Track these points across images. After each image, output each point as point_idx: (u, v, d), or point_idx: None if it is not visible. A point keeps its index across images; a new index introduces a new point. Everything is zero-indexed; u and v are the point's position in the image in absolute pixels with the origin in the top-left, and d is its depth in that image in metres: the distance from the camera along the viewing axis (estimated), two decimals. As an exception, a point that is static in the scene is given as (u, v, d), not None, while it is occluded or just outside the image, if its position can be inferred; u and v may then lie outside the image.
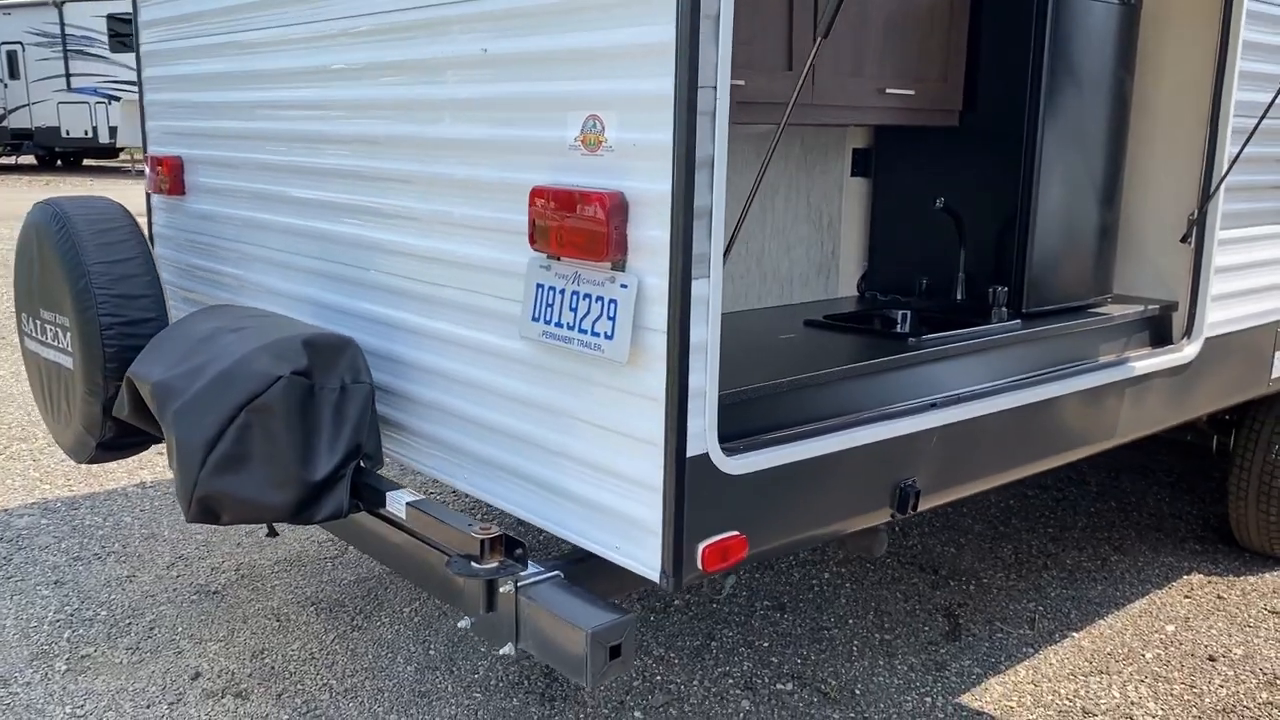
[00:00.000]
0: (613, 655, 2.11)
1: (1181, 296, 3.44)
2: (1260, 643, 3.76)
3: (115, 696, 3.36)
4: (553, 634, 2.15)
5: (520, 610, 2.24)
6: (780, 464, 2.26)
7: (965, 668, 3.55)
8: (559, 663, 2.14)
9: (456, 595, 2.39)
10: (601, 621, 2.08)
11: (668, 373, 2.03)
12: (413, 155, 2.57)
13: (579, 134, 2.15)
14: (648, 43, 1.96)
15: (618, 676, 2.27)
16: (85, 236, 3.21)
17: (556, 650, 2.14)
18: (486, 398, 2.50)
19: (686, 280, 2.00)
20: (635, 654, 2.17)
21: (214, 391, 2.48)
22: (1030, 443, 2.87)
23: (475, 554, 2.30)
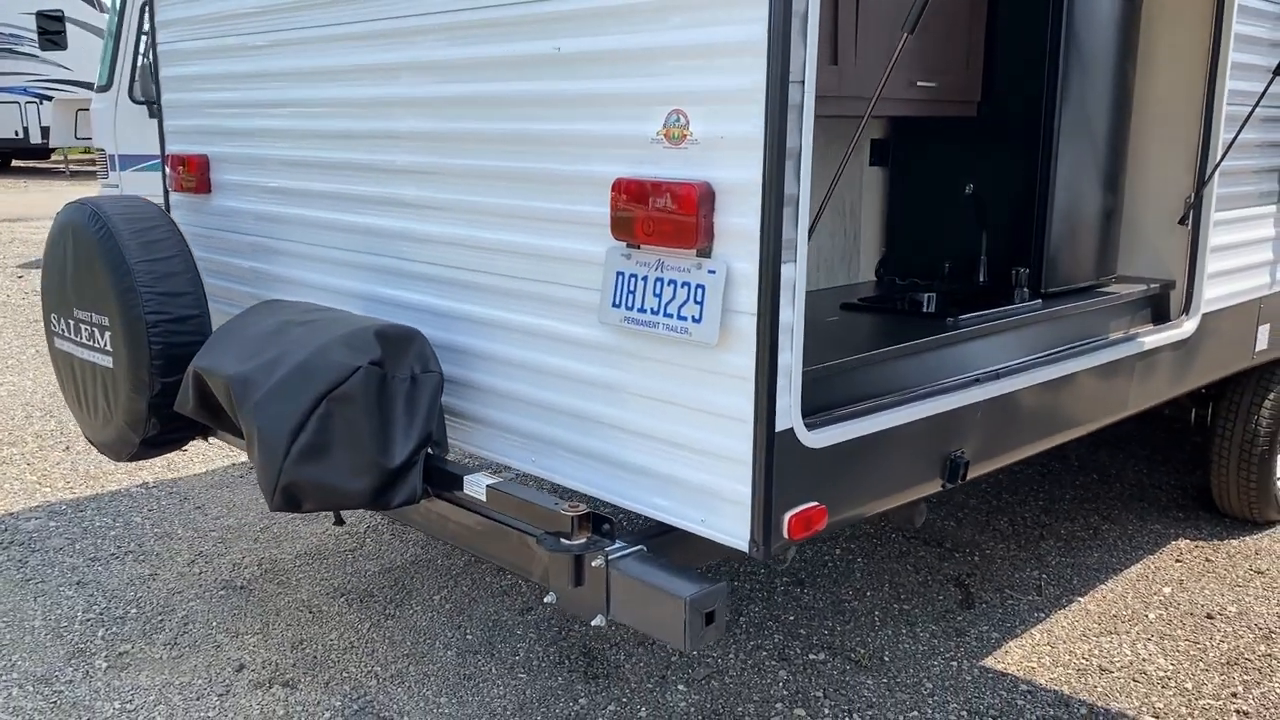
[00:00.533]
0: (708, 621, 2.23)
1: (1178, 275, 3.65)
2: (1251, 600, 3.99)
3: (162, 690, 3.40)
4: (647, 604, 2.26)
5: (611, 583, 2.34)
6: (853, 437, 2.39)
7: (983, 633, 3.73)
8: (656, 630, 2.26)
9: (540, 571, 2.49)
10: (697, 590, 2.20)
11: (757, 353, 2.15)
12: (479, 151, 2.65)
13: (661, 128, 2.26)
14: (739, 40, 2.07)
15: (713, 641, 2.38)
16: (126, 235, 3.24)
17: (652, 619, 2.25)
18: (558, 382, 2.60)
19: (776, 265, 2.12)
20: (726, 621, 2.29)
21: (294, 382, 2.55)
22: (1058, 414, 3.04)
23: (563, 531, 2.40)
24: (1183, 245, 3.62)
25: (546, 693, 3.37)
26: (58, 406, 6.48)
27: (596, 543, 2.40)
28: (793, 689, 3.38)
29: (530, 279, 2.61)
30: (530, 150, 2.54)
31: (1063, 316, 3.20)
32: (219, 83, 3.57)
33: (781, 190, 2.09)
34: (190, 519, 4.76)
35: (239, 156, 3.54)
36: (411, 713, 3.27)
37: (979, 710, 3.26)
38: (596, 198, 2.41)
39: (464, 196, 2.73)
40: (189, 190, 3.78)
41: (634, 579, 2.29)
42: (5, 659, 3.58)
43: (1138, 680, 3.43)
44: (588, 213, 2.44)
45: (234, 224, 3.64)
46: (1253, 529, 4.64)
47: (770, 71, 2.04)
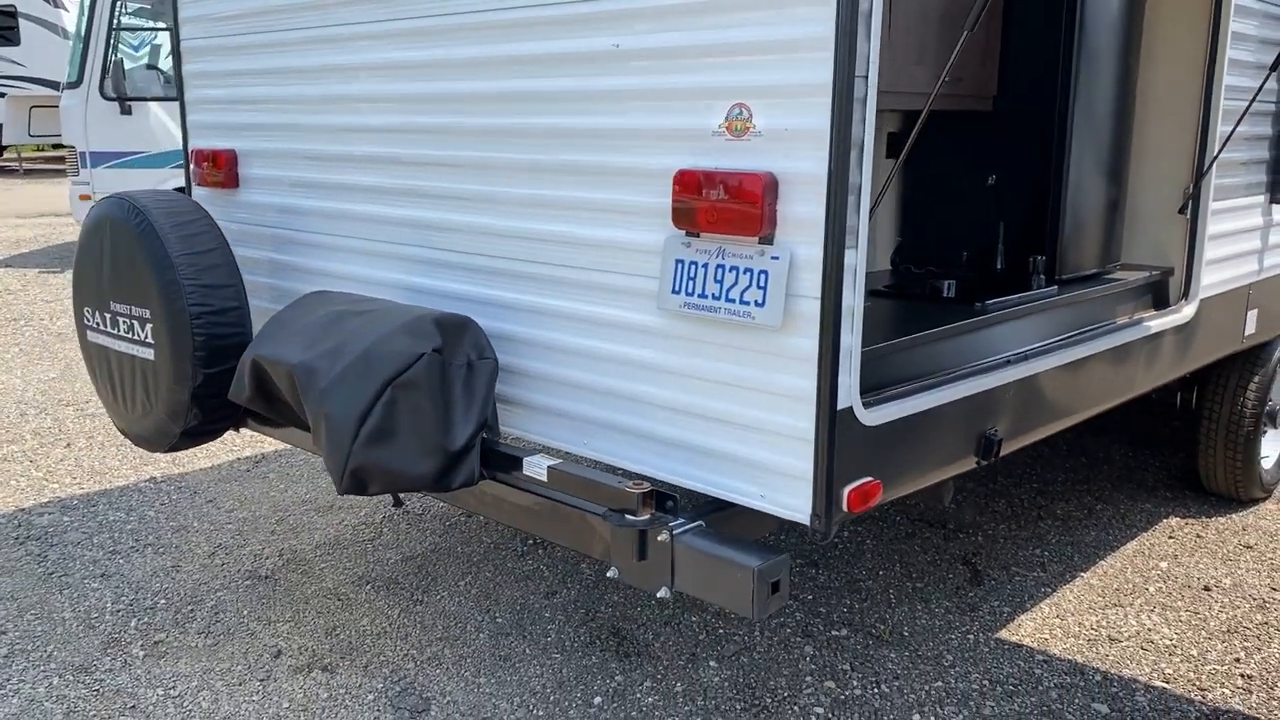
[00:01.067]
0: (773, 590, 2.34)
1: (1177, 263, 3.82)
2: (1243, 573, 4.18)
3: (204, 677, 3.45)
4: (714, 575, 2.37)
5: (676, 556, 2.45)
6: (904, 415, 2.52)
7: (995, 608, 3.88)
8: (722, 599, 2.37)
9: (601, 547, 2.59)
10: (764, 561, 2.32)
11: (820, 335, 2.27)
12: (532, 145, 2.74)
13: (723, 121, 2.37)
14: (807, 37, 2.18)
15: (776, 609, 2.50)
16: (167, 229, 3.29)
17: (719, 589, 2.36)
18: (611, 367, 2.70)
19: (840, 251, 2.24)
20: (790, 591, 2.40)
21: (360, 369, 2.63)
22: (1078, 394, 3.20)
23: (628, 507, 2.50)
24: (1181, 234, 3.79)
25: (582, 671, 3.47)
26: (52, 404, 6.46)
27: (660, 518, 2.50)
28: (820, 663, 3.51)
29: (583, 268, 2.71)
30: (584, 143, 2.64)
31: (1079, 302, 3.36)
32: (249, 78, 3.62)
33: (845, 180, 2.21)
34: (204, 512, 4.80)
35: (270, 151, 3.60)
36: (453, 693, 3.35)
37: (999, 679, 3.41)
38: (655, 189, 2.51)
39: (514, 189, 2.82)
40: (216, 185, 3.82)
41: (700, 552, 2.40)
42: (40, 650, 3.62)
43: (1145, 649, 3.60)
44: (645, 203, 2.54)
45: (264, 218, 3.70)
46: (1238, 507, 4.84)
47: (837, 67, 2.16)
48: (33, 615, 3.86)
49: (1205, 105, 3.66)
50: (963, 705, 3.27)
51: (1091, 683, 3.39)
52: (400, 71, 3.02)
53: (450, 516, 4.72)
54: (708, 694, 3.34)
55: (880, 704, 3.28)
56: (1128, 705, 3.27)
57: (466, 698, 3.33)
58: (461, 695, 3.34)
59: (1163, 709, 3.25)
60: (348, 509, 4.81)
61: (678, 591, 2.48)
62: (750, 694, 3.33)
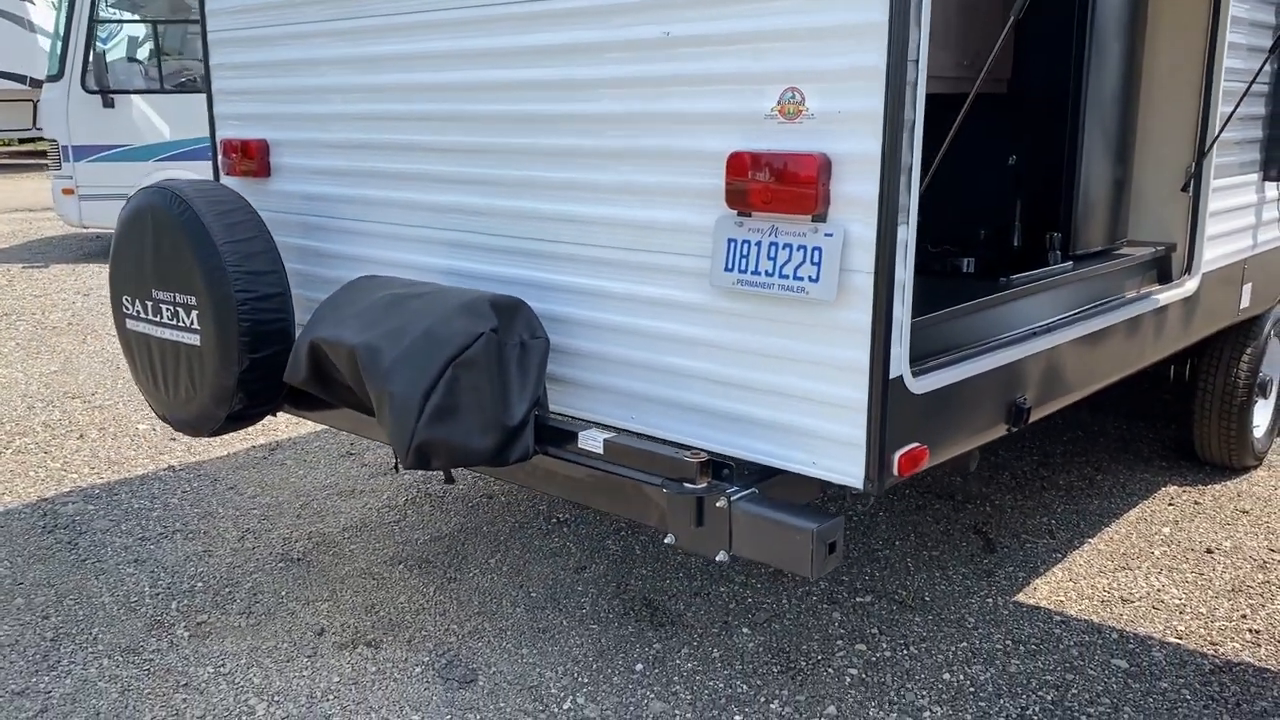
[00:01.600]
0: (830, 550, 2.47)
1: (1180, 239, 3.98)
2: (1242, 536, 4.36)
3: (251, 654, 3.54)
4: (773, 538, 2.50)
5: (734, 521, 2.57)
6: (948, 384, 2.65)
7: (1010, 573, 4.04)
8: (781, 561, 2.49)
9: (657, 515, 2.70)
10: (822, 523, 2.44)
11: (874, 308, 2.39)
12: (579, 130, 2.84)
13: (775, 105, 2.48)
14: (861, 23, 2.30)
15: (832, 569, 2.62)
16: (210, 217, 3.36)
17: (778, 551, 2.49)
18: (659, 343, 2.81)
19: (892, 227, 2.36)
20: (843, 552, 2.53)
21: (423, 349, 2.72)
22: (1096, 364, 3.35)
23: (687, 476, 2.62)
24: (1182, 211, 3.95)
25: (621, 640, 3.59)
26: (58, 397, 6.48)
27: (718, 486, 2.62)
28: (849, 628, 3.65)
29: (632, 249, 2.81)
30: (633, 128, 2.74)
31: (1094, 277, 3.50)
32: (281, 69, 3.69)
33: (898, 160, 2.33)
34: (227, 499, 4.87)
35: (305, 141, 3.67)
36: (497, 664, 3.46)
37: (1021, 639, 3.56)
38: (705, 171, 2.62)
39: (561, 174, 2.92)
40: (247, 174, 3.89)
41: (758, 516, 2.52)
42: (85, 633, 3.69)
43: (1157, 608, 3.77)
44: (695, 185, 2.65)
45: (297, 206, 3.77)
46: (1231, 474, 5.03)
47: (891, 52, 2.28)
48: (72, 600, 3.92)
49: (1206, 87, 3.81)
50: (989, 664, 3.41)
51: (1109, 640, 3.55)
52: (449, 60, 3.10)
53: (472, 498, 4.81)
54: (744, 659, 3.47)
55: (911, 665, 3.42)
56: (1145, 660, 3.43)
57: (511, 668, 3.43)
58: (506, 666, 3.45)
59: (1178, 663, 3.41)
60: (371, 493, 4.89)
61: (734, 556, 2.60)
62: (785, 658, 3.46)
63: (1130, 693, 3.25)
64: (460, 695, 3.29)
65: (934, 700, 3.22)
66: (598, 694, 3.29)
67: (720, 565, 4.09)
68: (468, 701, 3.26)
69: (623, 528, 4.47)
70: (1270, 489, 4.86)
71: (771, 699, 3.24)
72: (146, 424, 5.96)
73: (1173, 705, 3.19)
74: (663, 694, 3.28)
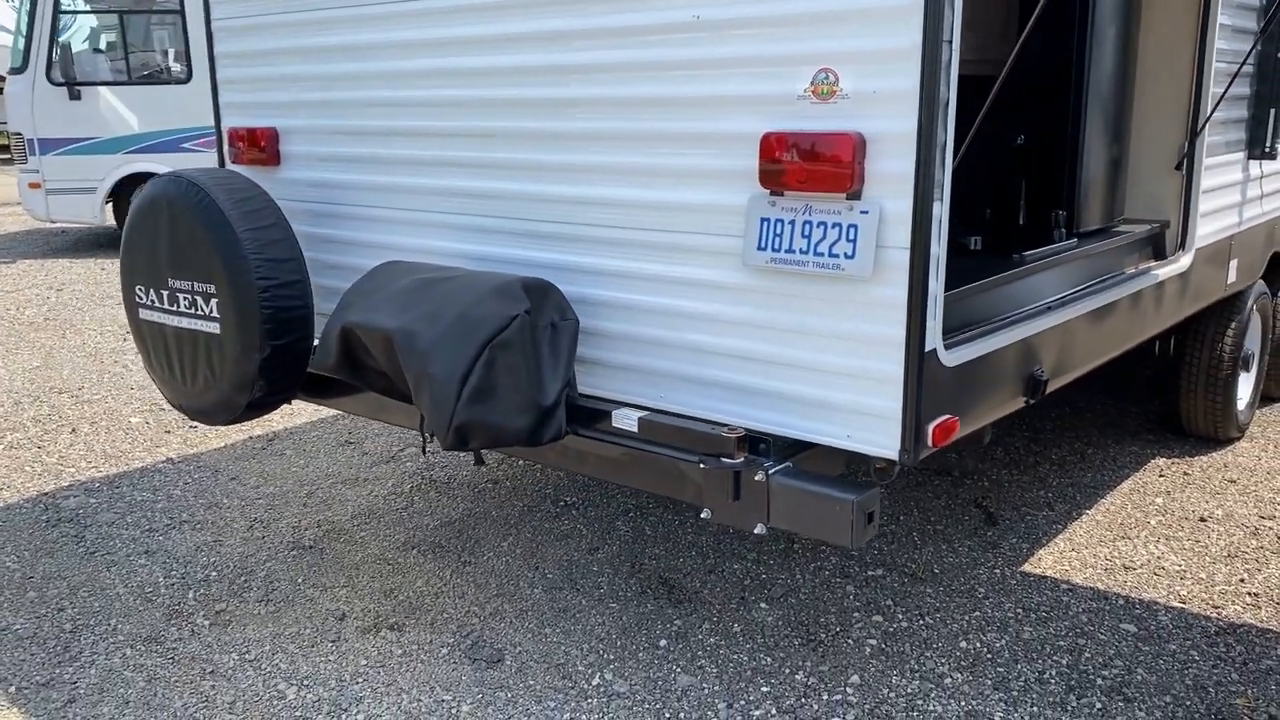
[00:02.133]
0: (869, 520, 2.54)
1: (1173, 216, 4.09)
2: (1233, 504, 4.50)
3: (275, 640, 3.56)
4: (812, 509, 2.56)
5: (771, 494, 2.63)
6: (976, 356, 2.73)
7: (1014, 545, 4.14)
8: (820, 532, 2.55)
9: (692, 490, 2.76)
10: (861, 493, 2.51)
11: (910, 283, 2.46)
12: (608, 113, 2.88)
13: (808, 85, 2.53)
14: (896, 5, 2.36)
15: (870, 538, 2.69)
16: (229, 205, 3.36)
17: (817, 522, 2.55)
18: (689, 323, 2.85)
19: (928, 204, 2.42)
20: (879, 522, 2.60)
21: (460, 331, 2.75)
22: (1103, 337, 3.44)
23: (725, 451, 2.68)
24: (1175, 189, 4.06)
25: (641, 618, 3.64)
26: (44, 392, 6.42)
27: (755, 461, 2.68)
28: (864, 600, 3.73)
29: (660, 230, 2.86)
30: (662, 111, 2.78)
31: (1098, 254, 3.60)
32: (293, 57, 3.69)
33: (933, 138, 2.39)
34: (230, 489, 4.86)
35: (319, 128, 3.68)
36: (522, 643, 3.50)
37: (1031, 607, 3.66)
38: (736, 152, 2.67)
39: (589, 157, 2.95)
40: (256, 163, 3.89)
41: (798, 489, 2.58)
42: (104, 624, 3.69)
43: (1159, 575, 3.88)
44: (726, 166, 2.70)
45: (310, 194, 3.78)
46: (1216, 446, 5.17)
47: (926, 33, 2.34)
48: (86, 592, 3.91)
49: (1198, 68, 3.92)
50: (1003, 631, 3.51)
51: (1116, 606, 3.65)
52: (478, 45, 3.12)
53: (478, 484, 4.84)
54: (765, 632, 3.53)
55: (928, 634, 3.50)
56: (1152, 624, 3.54)
57: (537, 647, 3.48)
58: (531, 645, 3.49)
59: (1184, 626, 3.53)
60: (375, 480, 4.91)
61: (771, 528, 2.66)
62: (805, 631, 3.54)
63: (1141, 655, 3.36)
64: (489, 675, 3.33)
65: (954, 667, 3.31)
66: (625, 670, 3.34)
67: (734, 541, 4.16)
68: (497, 680, 3.30)
69: (631, 509, 4.52)
70: (1254, 459, 5.00)
71: (796, 670, 3.32)
72: (139, 417, 5.93)
73: (1183, 666, 3.30)
74: (689, 668, 3.34)
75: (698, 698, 3.19)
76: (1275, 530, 4.23)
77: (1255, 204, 4.68)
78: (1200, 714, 3.06)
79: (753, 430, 2.77)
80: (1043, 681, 3.23)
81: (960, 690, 3.19)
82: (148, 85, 11.24)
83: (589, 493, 4.70)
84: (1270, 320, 5.33)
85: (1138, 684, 3.20)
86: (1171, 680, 3.22)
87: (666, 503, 4.56)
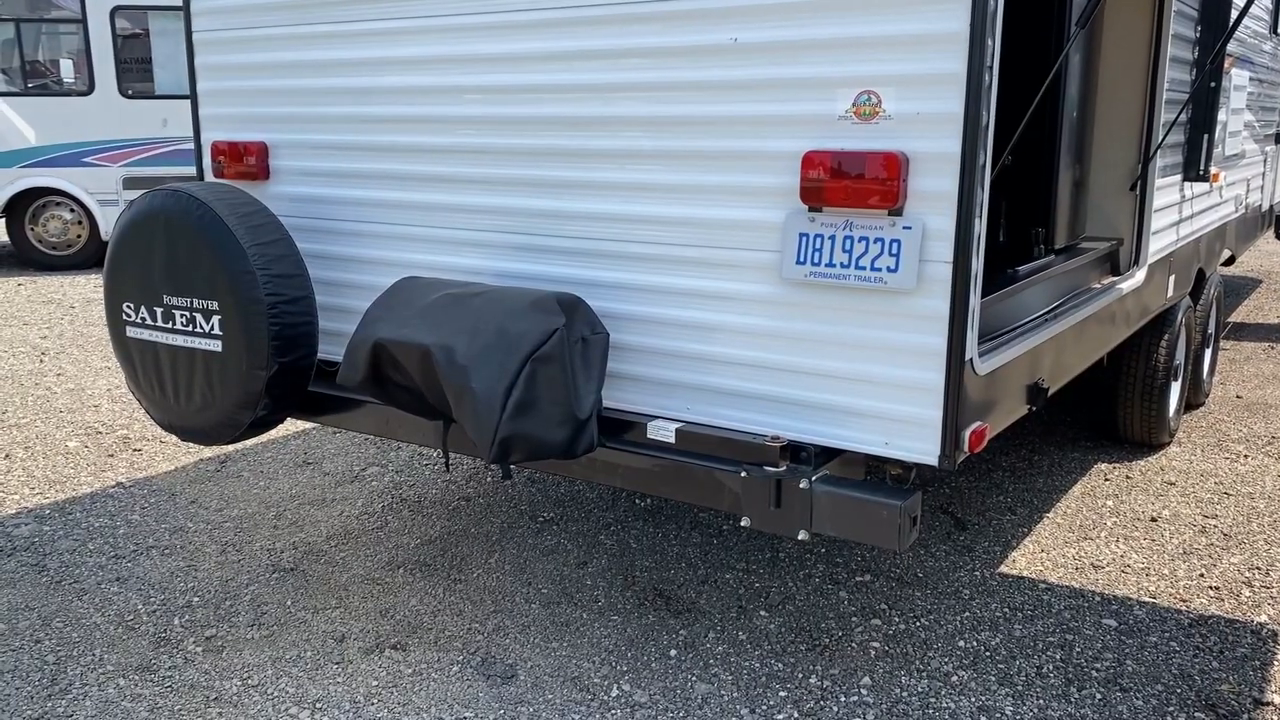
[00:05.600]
0: (913, 524, 2.65)
1: (1126, 234, 4.34)
2: (1177, 505, 4.77)
3: (277, 665, 3.48)
4: (857, 515, 2.66)
5: (815, 501, 2.71)
6: (1001, 365, 2.87)
7: (986, 548, 4.32)
8: (866, 536, 2.65)
9: (729, 500, 2.82)
10: (906, 499, 2.61)
11: (953, 296, 2.58)
12: (645, 133, 2.94)
13: (850, 107, 2.64)
14: (944, 32, 2.48)
15: (913, 541, 2.79)
16: (233, 220, 3.30)
17: (863, 527, 2.65)
18: (721, 336, 2.93)
19: (970, 221, 2.55)
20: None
21: (501, 346, 2.77)
22: (1083, 347, 3.64)
23: (768, 460, 2.75)
24: (1130, 208, 4.31)
25: (646, 629, 3.68)
26: (-35, 416, 6.11)
27: (797, 469, 2.76)
28: (858, 605, 3.84)
29: (696, 246, 2.92)
30: (701, 130, 2.86)
31: (1076, 269, 3.81)
32: (286, 71, 3.64)
33: (975, 158, 2.52)
34: (192, 513, 4.72)
35: (317, 143, 3.63)
36: (532, 658, 3.50)
37: (1015, 606, 3.83)
38: (776, 169, 2.76)
39: (624, 175, 3.00)
40: (244, 177, 3.82)
41: (842, 496, 2.68)
42: (88, 654, 3.55)
43: (1125, 572, 4.10)
44: (764, 183, 2.79)
45: (302, 209, 3.73)
46: (1149, 450, 5.48)
47: (971, 59, 2.47)
48: (61, 622, 3.76)
49: (1150, 96, 4.18)
50: (995, 630, 3.66)
51: (1094, 603, 3.85)
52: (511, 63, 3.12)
53: (450, 501, 4.81)
54: (770, 639, 3.61)
55: (926, 635, 3.63)
56: (1130, 618, 3.74)
57: (548, 661, 3.48)
58: (542, 660, 3.49)
59: (1159, 619, 3.74)
60: (343, 501, 4.83)
61: (815, 534, 2.75)
62: (809, 636, 3.63)
63: (1127, 648, 3.55)
64: (506, 690, 3.33)
65: (958, 666, 3.44)
66: (640, 680, 3.38)
67: (720, 551, 4.23)
68: (515, 696, 3.30)
69: (612, 522, 4.56)
70: (1187, 462, 5.32)
71: (809, 674, 3.40)
72: (76, 440, 5.69)
73: (1167, 657, 3.50)
74: (704, 676, 3.40)
75: (719, 705, 3.25)
76: (1220, 528, 4.51)
77: (1189, 223, 5.00)
78: (1192, 701, 3.25)
79: (790, 439, 2.85)
80: (1042, 675, 3.39)
81: (968, 687, 3.32)
82: (45, 97, 10.78)
83: (565, 508, 4.72)
84: (1193, 332, 5.68)
85: (1130, 674, 3.39)
86: (1159, 670, 3.42)
87: (649, 515, 4.61)
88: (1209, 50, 4.53)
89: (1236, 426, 5.85)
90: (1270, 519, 4.59)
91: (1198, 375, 6.03)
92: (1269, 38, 6.71)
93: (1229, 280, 10.20)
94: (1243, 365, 7.16)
